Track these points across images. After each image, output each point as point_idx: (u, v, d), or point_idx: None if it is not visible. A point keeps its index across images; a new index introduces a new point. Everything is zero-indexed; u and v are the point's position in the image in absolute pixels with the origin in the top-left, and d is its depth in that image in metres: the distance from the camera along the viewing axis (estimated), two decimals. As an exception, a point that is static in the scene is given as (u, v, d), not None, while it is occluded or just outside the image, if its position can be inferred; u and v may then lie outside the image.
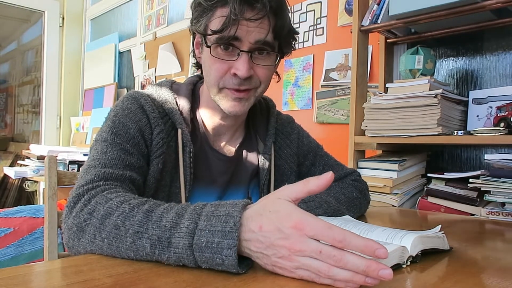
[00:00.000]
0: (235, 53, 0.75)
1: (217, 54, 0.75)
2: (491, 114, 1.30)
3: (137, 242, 0.53)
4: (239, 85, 0.76)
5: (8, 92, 4.58)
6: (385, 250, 0.43)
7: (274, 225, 0.47)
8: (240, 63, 0.74)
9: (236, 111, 0.79)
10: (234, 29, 0.71)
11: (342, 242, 0.44)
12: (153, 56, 2.97)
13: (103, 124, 0.78)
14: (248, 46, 0.74)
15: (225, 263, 0.47)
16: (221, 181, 0.86)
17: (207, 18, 0.75)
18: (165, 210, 0.55)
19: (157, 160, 0.77)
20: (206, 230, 0.49)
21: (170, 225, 0.52)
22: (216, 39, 0.73)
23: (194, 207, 0.54)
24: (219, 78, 0.77)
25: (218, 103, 0.80)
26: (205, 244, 0.48)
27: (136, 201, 0.58)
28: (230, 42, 0.73)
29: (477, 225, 0.98)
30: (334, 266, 0.44)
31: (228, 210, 0.50)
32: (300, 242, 0.46)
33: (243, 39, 0.73)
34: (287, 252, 0.46)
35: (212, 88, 0.79)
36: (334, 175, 0.50)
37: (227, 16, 0.71)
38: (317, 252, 0.45)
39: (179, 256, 0.50)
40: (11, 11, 3.74)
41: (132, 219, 0.55)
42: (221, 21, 0.72)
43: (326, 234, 0.45)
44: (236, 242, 0.47)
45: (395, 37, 1.56)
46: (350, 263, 0.44)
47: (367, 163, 1.41)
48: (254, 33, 0.73)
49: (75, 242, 0.59)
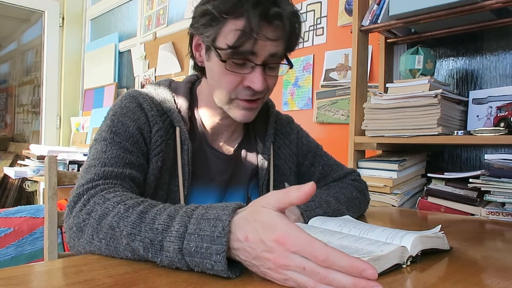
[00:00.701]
0: (248, 66, 0.74)
1: (229, 66, 0.74)
2: (491, 114, 1.30)
3: (131, 244, 0.53)
4: (251, 96, 0.76)
5: (8, 92, 4.58)
6: (373, 271, 0.40)
7: (258, 236, 0.46)
8: (255, 77, 0.73)
9: (247, 119, 0.80)
10: (250, 44, 0.70)
11: (326, 262, 0.42)
12: (153, 56, 2.97)
13: (102, 123, 0.79)
14: (262, 59, 0.73)
15: (214, 268, 0.47)
16: (220, 180, 0.86)
17: (217, 28, 0.72)
18: (158, 211, 0.54)
19: (156, 158, 0.77)
20: (195, 234, 0.49)
21: (162, 227, 0.51)
22: (230, 53, 0.72)
23: (185, 209, 0.53)
24: (231, 90, 0.76)
25: (227, 111, 0.80)
26: (195, 249, 0.48)
27: (132, 202, 0.58)
28: (246, 56, 0.72)
29: (477, 225, 0.98)
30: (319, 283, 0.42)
31: (218, 213, 0.49)
32: (283, 257, 0.44)
33: (258, 53, 0.72)
34: (273, 265, 0.45)
35: (221, 97, 0.78)
36: (315, 187, 0.47)
37: (243, 31, 0.69)
38: (301, 268, 0.43)
39: (171, 260, 0.50)
40: (11, 11, 3.74)
41: (126, 220, 0.54)
42: (236, 35, 0.70)
43: (308, 251, 0.43)
44: (224, 248, 0.46)
45: (395, 37, 1.56)
46: (335, 281, 0.41)
47: (367, 163, 1.41)
48: (268, 47, 0.72)
49: (76, 242, 0.60)
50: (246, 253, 0.47)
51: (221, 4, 0.70)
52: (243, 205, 0.52)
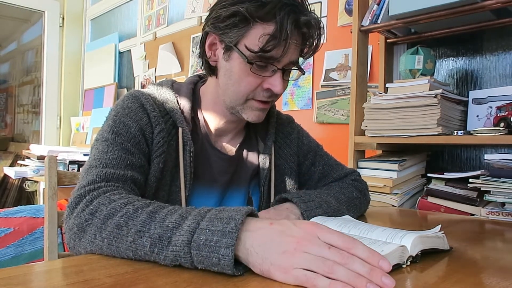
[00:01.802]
0: (269, 69, 0.76)
1: (254, 69, 0.75)
2: (491, 114, 1.30)
3: (137, 241, 0.53)
4: (268, 98, 0.79)
5: (8, 92, 4.58)
6: (388, 264, 0.45)
7: (287, 223, 0.50)
8: (276, 80, 0.76)
9: (259, 120, 0.82)
10: (280, 50, 0.73)
11: (350, 249, 0.46)
12: (153, 56, 2.97)
13: (104, 123, 0.78)
14: (283, 64, 0.76)
15: (221, 262, 0.47)
16: (221, 180, 0.86)
17: (244, 30, 0.73)
18: (169, 212, 0.55)
19: (158, 159, 0.77)
20: (207, 229, 0.49)
21: (173, 225, 0.52)
22: (258, 56, 0.73)
23: (199, 210, 0.54)
24: (250, 91, 0.78)
25: (240, 111, 0.81)
26: (204, 242, 0.48)
27: (141, 203, 0.59)
28: (270, 61, 0.75)
29: (477, 225, 0.98)
30: (338, 264, 0.44)
31: (231, 214, 0.51)
32: (311, 237, 0.47)
33: (281, 59, 0.75)
34: (294, 245, 0.46)
35: (237, 97, 0.79)
36: None
37: (273, 35, 0.71)
38: (325, 247, 0.46)
39: (176, 254, 0.50)
40: (11, 11, 3.74)
41: (136, 219, 0.55)
42: (265, 39, 0.71)
43: (336, 239, 0.47)
44: (234, 242, 0.47)
45: (395, 37, 1.56)
46: (356, 263, 0.44)
47: (367, 163, 1.41)
48: (290, 54, 0.75)
49: (76, 242, 0.59)
50: (261, 237, 0.49)
51: (253, 7, 0.71)
52: (255, 211, 0.54)
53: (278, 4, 0.71)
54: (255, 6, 0.71)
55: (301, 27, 0.74)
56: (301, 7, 0.75)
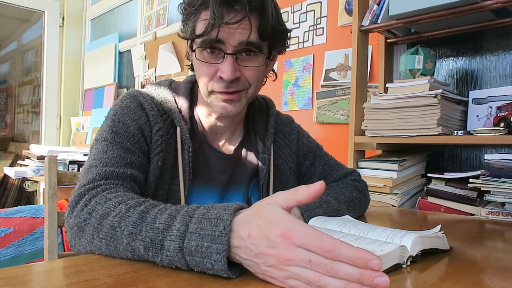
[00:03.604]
0: (220, 56, 0.75)
1: (203, 57, 0.76)
2: (491, 114, 1.30)
3: (132, 243, 0.53)
4: (226, 88, 0.76)
5: (8, 92, 4.58)
6: (379, 261, 0.41)
7: (262, 232, 0.45)
8: (225, 66, 0.74)
9: (228, 112, 0.79)
10: (215, 32, 0.71)
11: (332, 253, 0.42)
12: (153, 56, 2.97)
13: (103, 123, 0.79)
14: (232, 48, 0.73)
15: (214, 267, 0.47)
16: (220, 180, 0.86)
17: (193, 21, 0.76)
18: (160, 211, 0.54)
19: (157, 157, 0.77)
20: (196, 233, 0.48)
21: (162, 227, 0.51)
22: (200, 42, 0.74)
23: (187, 208, 0.53)
24: (207, 82, 0.77)
25: (211, 105, 0.81)
26: (195, 248, 0.48)
27: (134, 202, 0.58)
28: (214, 45, 0.73)
29: (477, 225, 0.98)
30: (325, 275, 0.42)
31: (219, 213, 0.49)
32: (288, 250, 0.43)
33: (226, 42, 0.73)
34: (275, 261, 0.44)
35: (203, 91, 0.80)
36: (324, 185, 0.47)
37: (208, 20, 0.71)
38: (306, 261, 0.42)
39: (171, 259, 0.50)
40: (11, 11, 3.74)
41: (128, 219, 0.55)
42: (204, 24, 0.72)
43: (314, 243, 0.43)
44: (225, 247, 0.46)
45: (395, 37, 1.56)
46: (342, 272, 0.41)
47: (367, 163, 1.41)
48: (236, 35, 0.72)
49: (76, 241, 0.60)
50: (247, 251, 0.46)
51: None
52: (244, 206, 0.52)
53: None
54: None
55: (230, 4, 0.70)
56: None
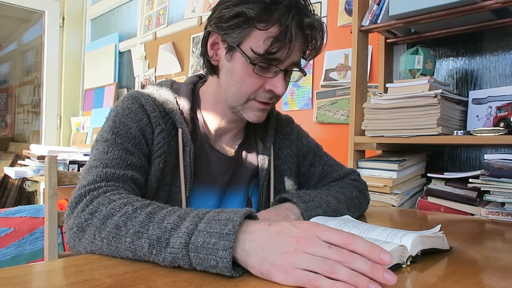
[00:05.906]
0: (271, 70, 0.76)
1: (256, 70, 0.76)
2: (491, 114, 1.30)
3: (136, 242, 0.53)
4: (269, 100, 0.80)
5: (9, 92, 4.58)
6: (390, 256, 0.44)
7: (285, 224, 0.50)
8: (278, 81, 0.77)
9: (259, 120, 0.83)
10: (285, 52, 0.73)
11: (351, 246, 0.45)
12: (153, 56, 2.97)
13: (104, 124, 0.78)
14: (286, 66, 0.77)
15: (219, 265, 0.47)
16: (221, 181, 0.86)
17: (247, 31, 0.73)
18: (168, 213, 0.55)
19: (158, 159, 0.77)
20: (204, 231, 0.49)
21: (171, 226, 0.52)
22: (260, 58, 0.74)
23: (197, 212, 0.54)
24: (252, 92, 0.78)
25: (240, 111, 0.81)
26: (201, 244, 0.48)
27: (140, 203, 0.58)
28: (271, 62, 0.75)
29: (477, 225, 0.98)
30: (339, 264, 0.44)
31: (229, 216, 0.50)
32: (311, 237, 0.47)
33: (284, 60, 0.75)
34: (294, 245, 0.46)
35: (238, 97, 0.79)
36: None
37: (276, 38, 0.71)
38: (326, 247, 0.45)
39: (175, 256, 0.50)
40: (11, 11, 3.74)
41: (134, 220, 0.55)
42: (269, 41, 0.72)
43: (336, 234, 0.47)
44: (231, 244, 0.47)
45: (395, 37, 1.56)
46: (357, 261, 0.44)
47: (367, 163, 1.41)
48: (293, 55, 0.76)
49: (76, 242, 0.60)
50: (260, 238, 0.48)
51: (257, 8, 0.71)
52: (254, 212, 0.54)
53: (282, 7, 0.71)
54: (259, 8, 0.71)
55: (305, 29, 0.75)
56: (305, 9, 0.75)
